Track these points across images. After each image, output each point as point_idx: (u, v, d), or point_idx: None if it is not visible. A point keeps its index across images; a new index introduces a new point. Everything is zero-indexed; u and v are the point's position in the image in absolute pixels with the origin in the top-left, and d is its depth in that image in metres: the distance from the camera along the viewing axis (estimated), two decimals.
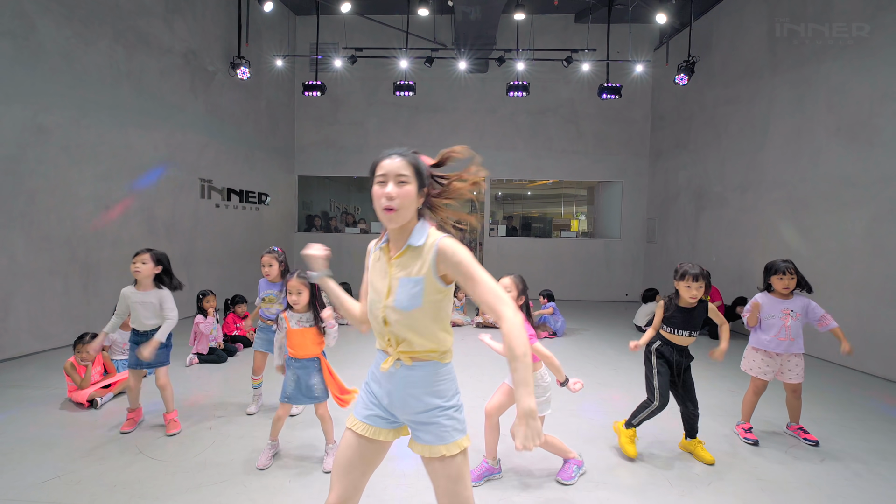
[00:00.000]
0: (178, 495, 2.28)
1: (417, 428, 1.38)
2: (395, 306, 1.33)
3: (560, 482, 2.43)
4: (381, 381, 1.42)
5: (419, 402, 1.35)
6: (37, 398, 3.50)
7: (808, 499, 2.37)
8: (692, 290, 2.60)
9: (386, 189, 1.30)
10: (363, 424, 1.41)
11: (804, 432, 3.02)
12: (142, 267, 2.86)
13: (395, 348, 1.37)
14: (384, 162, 1.33)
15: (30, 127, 4.58)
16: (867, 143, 4.75)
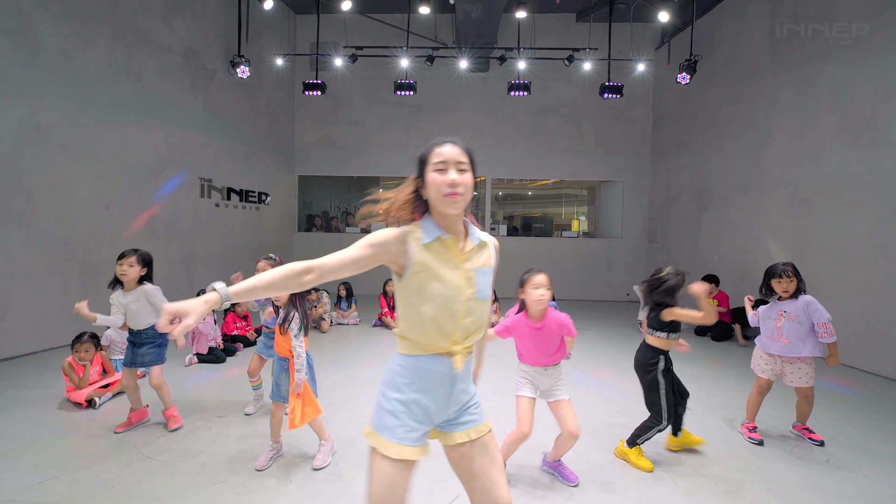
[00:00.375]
0: (177, 496, 2.26)
1: (459, 418, 1.38)
2: (478, 297, 1.33)
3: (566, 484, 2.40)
4: (435, 391, 1.32)
5: (465, 394, 1.39)
6: (35, 398, 3.47)
7: (813, 499, 2.35)
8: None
9: (449, 176, 1.27)
10: (414, 449, 1.28)
11: (809, 432, 3.00)
12: (128, 270, 2.83)
13: (462, 344, 1.32)
14: (441, 149, 1.30)
15: (28, 125, 4.55)
16: (870, 142, 4.72)
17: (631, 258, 9.53)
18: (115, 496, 2.24)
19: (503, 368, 4.17)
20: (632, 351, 2.89)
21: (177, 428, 2.97)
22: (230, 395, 3.66)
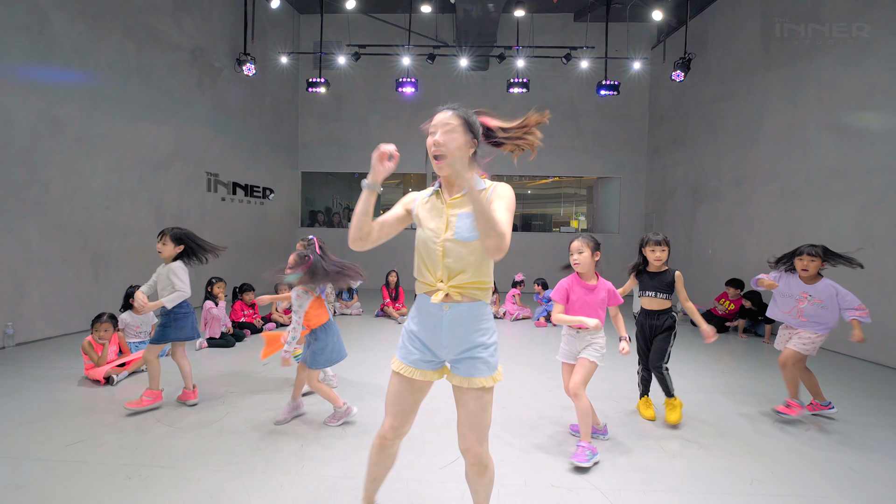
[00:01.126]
0: (197, 456, 2.42)
1: (460, 363, 1.53)
2: (455, 238, 1.47)
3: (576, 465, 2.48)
4: (426, 325, 1.53)
5: (465, 339, 1.51)
6: (55, 377, 3.64)
7: (790, 462, 2.52)
8: (656, 253, 2.92)
9: (435, 136, 1.46)
10: (408, 368, 1.56)
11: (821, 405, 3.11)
12: (162, 248, 3.02)
13: (447, 282, 1.49)
14: (435, 117, 1.51)
15: (44, 118, 4.72)
16: (856, 135, 4.90)
17: (628, 253, 9.67)
18: (139, 456, 2.41)
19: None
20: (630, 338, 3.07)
21: (186, 402, 3.12)
22: (241, 375, 3.83)
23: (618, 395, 3.53)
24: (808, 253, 2.94)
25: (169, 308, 2.98)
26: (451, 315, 1.50)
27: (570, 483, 2.26)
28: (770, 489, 2.25)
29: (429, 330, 1.54)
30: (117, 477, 2.21)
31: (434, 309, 1.51)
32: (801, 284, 3.01)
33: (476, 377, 1.50)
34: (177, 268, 3.02)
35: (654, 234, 2.99)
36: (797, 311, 3.00)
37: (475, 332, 1.51)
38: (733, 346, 5.30)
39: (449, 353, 1.54)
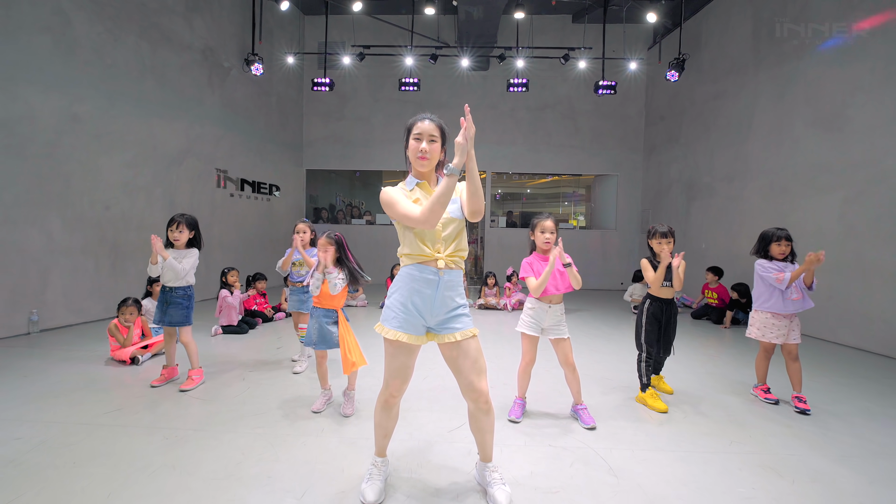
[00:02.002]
0: (225, 422, 2.65)
1: (446, 324, 1.84)
2: (451, 216, 1.82)
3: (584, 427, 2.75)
4: (422, 291, 1.80)
5: (452, 301, 1.85)
6: (83, 358, 3.86)
7: (766, 428, 2.75)
8: (663, 245, 3.00)
9: (421, 145, 1.83)
10: (405, 334, 1.81)
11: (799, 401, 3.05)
12: (179, 236, 3.19)
13: (444, 252, 1.82)
14: (420, 123, 1.84)
15: (66, 116, 4.95)
16: (839, 132, 5.14)
17: (625, 249, 9.94)
18: (173, 422, 2.64)
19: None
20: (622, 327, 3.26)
21: (187, 390, 3.14)
22: (257, 357, 4.06)
23: (609, 374, 3.76)
24: (787, 238, 3.14)
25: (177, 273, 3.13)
26: (445, 280, 1.82)
27: (565, 443, 2.49)
28: (747, 448, 2.49)
29: (425, 296, 1.81)
30: (155, 437, 2.44)
31: (433, 276, 1.81)
32: (782, 265, 3.15)
33: (466, 329, 1.84)
34: (195, 254, 3.24)
35: (660, 226, 3.06)
36: (795, 290, 3.08)
37: (457, 296, 1.87)
38: (721, 334, 5.53)
39: (434, 318, 1.83)
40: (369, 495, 1.88)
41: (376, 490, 1.91)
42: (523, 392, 2.88)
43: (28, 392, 3.04)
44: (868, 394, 3.46)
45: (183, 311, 3.21)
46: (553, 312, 2.76)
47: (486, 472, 1.97)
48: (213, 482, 2.02)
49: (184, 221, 3.21)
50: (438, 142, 1.85)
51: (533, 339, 2.79)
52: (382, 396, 1.91)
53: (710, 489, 2.07)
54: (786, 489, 2.09)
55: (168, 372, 3.31)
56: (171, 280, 3.20)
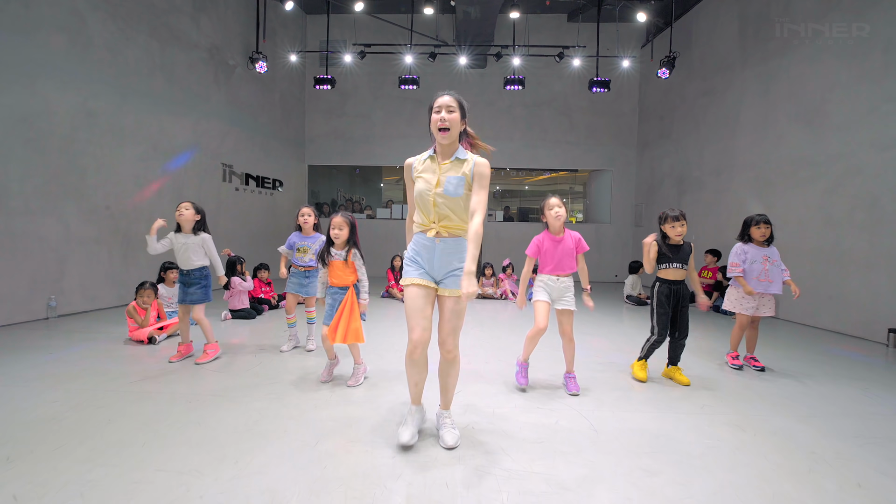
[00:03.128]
0: (241, 389, 2.90)
1: (446, 280, 2.15)
2: (443, 193, 2.07)
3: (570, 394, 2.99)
4: (423, 254, 2.14)
5: (450, 264, 2.14)
6: (102, 339, 4.10)
7: (736, 393, 3.01)
8: (676, 228, 3.16)
9: (441, 114, 2.05)
10: (418, 279, 2.13)
11: (755, 361, 3.62)
12: (185, 212, 3.42)
13: (437, 223, 2.10)
14: (440, 98, 2.10)
15: (81, 111, 5.18)
16: (819, 126, 5.39)
17: (619, 242, 10.19)
18: (192, 389, 2.88)
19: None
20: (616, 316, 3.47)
21: (202, 363, 3.42)
22: (266, 340, 4.30)
23: (599, 356, 4.02)
24: (766, 221, 3.52)
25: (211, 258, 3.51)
26: (441, 246, 2.12)
27: (553, 406, 2.74)
28: (718, 410, 2.74)
29: (425, 257, 2.15)
30: (178, 402, 2.68)
31: (429, 242, 2.12)
32: (760, 250, 3.53)
33: (456, 289, 2.12)
34: (209, 239, 3.51)
35: (671, 211, 3.20)
36: (764, 273, 3.48)
37: (456, 260, 2.13)
38: (697, 314, 5.78)
39: (438, 274, 2.15)
40: (403, 437, 2.17)
41: (409, 433, 2.19)
42: (527, 356, 3.06)
43: (55, 367, 3.28)
44: (838, 367, 3.72)
45: (202, 290, 3.46)
46: (560, 284, 2.96)
47: (440, 418, 2.31)
48: (234, 435, 2.27)
49: (190, 202, 3.48)
50: (457, 112, 2.07)
51: (545, 306, 2.93)
52: (408, 349, 2.14)
53: (680, 440, 2.32)
54: (747, 440, 2.34)
55: (185, 348, 3.56)
56: (188, 262, 3.44)
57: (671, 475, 1.98)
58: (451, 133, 2.06)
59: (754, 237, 3.55)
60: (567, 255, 2.96)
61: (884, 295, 4.64)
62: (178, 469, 1.92)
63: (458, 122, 2.08)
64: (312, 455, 2.07)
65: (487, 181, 2.08)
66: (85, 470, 1.90)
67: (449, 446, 2.17)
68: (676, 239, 3.20)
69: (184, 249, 3.41)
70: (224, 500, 1.71)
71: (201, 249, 3.48)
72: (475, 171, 2.08)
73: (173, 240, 3.45)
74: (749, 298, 3.55)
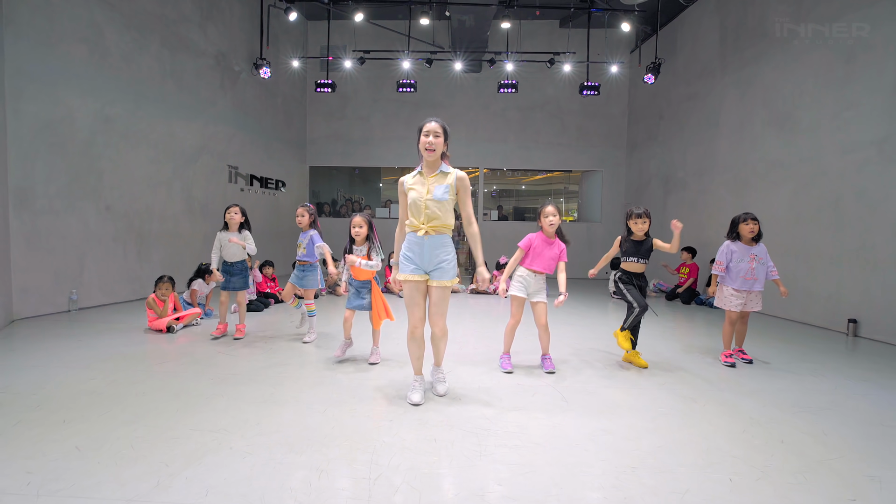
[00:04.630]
0: (257, 370, 3.26)
1: (435, 271, 2.66)
2: (433, 198, 2.58)
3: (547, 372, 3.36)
4: (414, 249, 2.63)
5: (437, 256, 2.64)
6: (124, 329, 4.46)
7: (719, 385, 3.38)
8: (639, 224, 3.47)
9: (428, 139, 2.57)
10: (412, 275, 2.63)
11: (743, 353, 3.77)
12: (234, 216, 4.07)
13: (427, 224, 2.59)
14: (428, 124, 2.61)
15: (99, 117, 5.53)
16: (790, 130, 5.77)
17: (609, 240, 10.52)
18: (213, 370, 3.25)
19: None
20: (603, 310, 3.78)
21: (240, 338, 4.10)
22: (275, 331, 4.67)
23: (579, 341, 4.39)
24: (753, 218, 3.63)
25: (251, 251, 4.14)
26: (429, 242, 2.62)
27: (530, 382, 3.11)
28: (675, 387, 3.11)
29: (416, 252, 2.64)
30: (202, 379, 3.05)
31: (419, 239, 2.62)
32: (747, 248, 3.60)
33: (443, 279, 2.64)
34: (250, 235, 4.16)
35: (636, 208, 3.48)
36: (750, 271, 3.56)
37: (443, 252, 2.63)
38: (689, 311, 6.16)
39: (428, 265, 2.64)
40: (415, 397, 2.66)
41: (419, 395, 2.69)
42: (508, 348, 3.47)
43: (86, 352, 3.63)
44: (796, 354, 4.09)
45: (243, 279, 4.17)
46: (538, 280, 3.37)
47: (435, 373, 2.88)
48: (253, 403, 2.63)
49: (238, 206, 4.12)
50: (441, 136, 2.59)
51: (520, 301, 3.36)
52: (409, 329, 2.70)
53: (637, 408, 2.69)
54: (696, 409, 2.71)
55: (223, 327, 4.19)
56: (233, 256, 4.11)
57: (624, 433, 2.35)
58: (435, 153, 2.58)
59: (743, 234, 3.60)
60: (552, 258, 3.36)
61: (847, 288, 5.02)
62: (210, 428, 2.29)
63: (442, 144, 2.61)
64: (322, 419, 2.44)
65: (468, 191, 2.67)
66: (130, 430, 2.26)
67: (440, 394, 2.80)
68: (639, 235, 3.52)
69: (230, 246, 4.06)
70: (250, 451, 2.07)
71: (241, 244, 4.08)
72: (458, 184, 2.63)
73: (221, 237, 4.08)
74: (736, 295, 3.61)
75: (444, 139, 2.61)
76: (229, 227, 4.09)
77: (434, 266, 2.62)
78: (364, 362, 3.53)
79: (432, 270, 2.62)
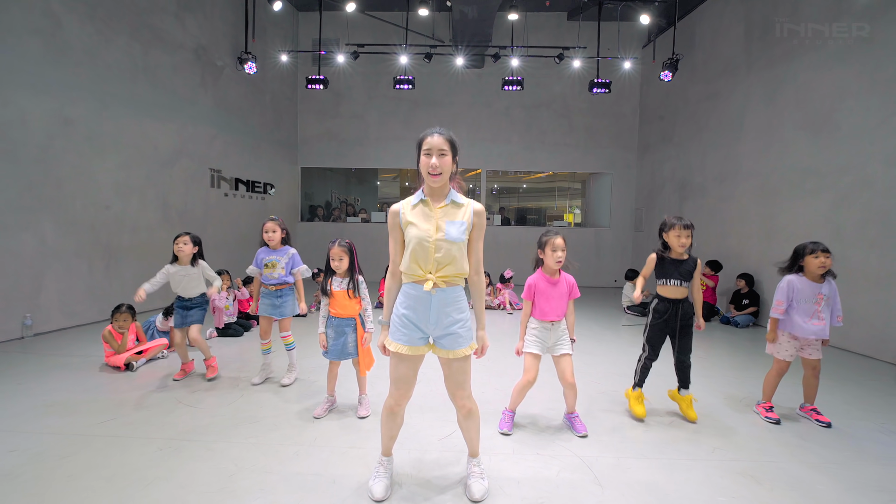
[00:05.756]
0: (219, 431, 2.70)
1: (443, 338, 1.94)
2: (446, 238, 1.87)
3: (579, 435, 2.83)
4: (417, 308, 1.92)
5: (449, 317, 1.92)
6: (76, 364, 3.89)
7: (749, 434, 2.83)
8: (682, 238, 2.78)
9: (431, 160, 1.86)
10: (405, 346, 1.93)
11: (817, 413, 2.99)
12: (184, 247, 3.40)
13: (435, 273, 1.88)
14: (429, 139, 1.89)
15: (57, 119, 4.92)
16: (828, 136, 5.20)
17: (619, 247, 10.01)
18: (166, 431, 2.68)
19: None
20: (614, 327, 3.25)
21: (214, 377, 3.55)
22: (250, 363, 4.10)
23: (598, 377, 3.84)
24: (825, 250, 2.81)
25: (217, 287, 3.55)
26: (437, 298, 1.91)
27: (553, 452, 2.56)
28: (729, 455, 2.56)
29: (419, 312, 1.93)
30: (149, 448, 2.48)
31: (424, 295, 1.90)
32: (814, 286, 2.85)
33: (458, 349, 1.94)
34: (207, 265, 3.54)
35: (678, 218, 2.79)
36: (816, 314, 2.83)
37: (455, 311, 1.93)
38: (708, 335, 5.62)
39: (435, 330, 1.94)
40: (377, 492, 2.02)
41: (383, 486, 2.05)
42: (515, 406, 2.86)
43: (23, 401, 3.06)
44: (848, 396, 3.55)
45: (202, 312, 3.54)
46: (556, 330, 2.75)
47: (469, 465, 2.16)
48: (206, 495, 2.07)
49: (188, 236, 3.44)
50: (449, 155, 1.89)
51: (536, 357, 2.74)
52: (388, 404, 2.05)
53: (692, 498, 2.14)
54: (765, 497, 2.16)
55: (187, 367, 3.61)
56: (190, 291, 3.49)
57: None
58: (442, 177, 1.89)
59: (810, 269, 2.83)
60: (561, 298, 2.72)
61: (894, 313, 4.47)
62: None
63: (450, 164, 1.91)
64: None
65: (483, 230, 1.97)
66: None
67: (475, 500, 2.03)
68: (679, 251, 2.82)
69: (186, 281, 3.46)
70: None
71: (201, 278, 3.53)
72: (476, 221, 1.95)
73: (170, 272, 3.44)
74: (794, 343, 2.94)
75: (453, 157, 1.91)
76: (180, 259, 3.42)
77: (444, 331, 1.92)
78: (352, 414, 2.97)
79: (441, 337, 1.93)
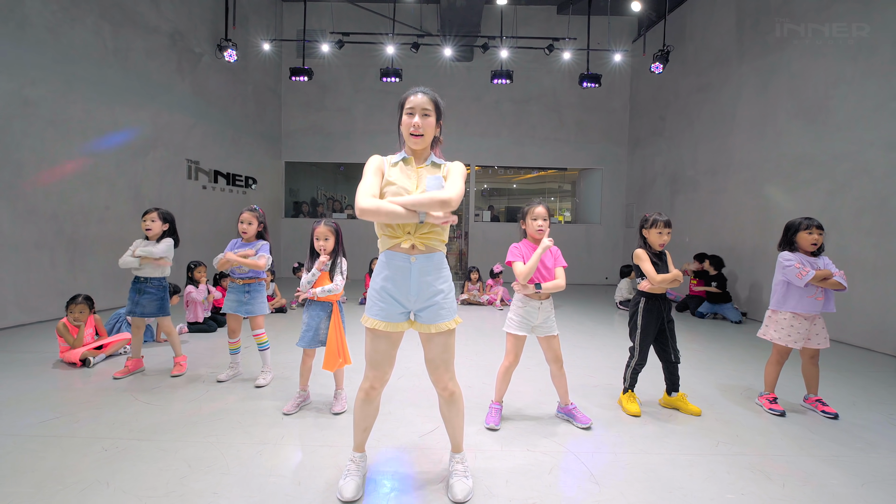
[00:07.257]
0: (175, 429, 2.43)
1: (424, 311, 1.75)
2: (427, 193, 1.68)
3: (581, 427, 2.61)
4: (396, 278, 1.72)
5: (431, 287, 1.73)
6: (29, 360, 3.57)
7: (754, 428, 2.64)
8: (663, 235, 2.73)
9: (414, 119, 1.72)
10: (383, 322, 1.73)
11: (822, 404, 2.85)
12: (152, 225, 3.14)
13: (413, 234, 1.69)
14: (413, 97, 1.74)
15: (16, 99, 4.60)
16: (822, 124, 5.09)
17: (609, 243, 9.88)
18: (116, 430, 2.40)
19: None
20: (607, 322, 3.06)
21: (179, 375, 3.27)
22: (219, 359, 3.81)
23: (591, 372, 3.63)
24: (818, 226, 2.77)
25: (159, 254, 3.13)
26: (417, 265, 1.72)
27: (545, 448, 2.33)
28: (734, 449, 2.36)
29: (398, 283, 1.73)
30: (93, 449, 2.20)
31: (402, 262, 1.71)
32: (810, 260, 2.77)
33: (440, 322, 1.75)
34: (170, 241, 3.21)
35: (659, 215, 2.75)
36: (817, 290, 2.73)
37: (438, 280, 1.75)
38: (706, 326, 5.46)
39: (416, 303, 1.74)
40: (347, 492, 1.79)
41: (354, 486, 1.82)
42: (501, 396, 2.65)
43: None
44: (852, 388, 3.39)
45: (157, 302, 3.17)
46: (543, 309, 2.55)
47: (452, 462, 1.94)
48: (149, 500, 1.80)
49: (157, 212, 3.16)
50: (433, 116, 1.75)
51: (520, 339, 2.55)
52: (363, 387, 1.83)
53: (697, 495, 1.93)
54: (776, 493, 1.96)
55: (133, 364, 3.26)
56: (146, 270, 3.15)
57: None
58: (424, 139, 1.75)
59: (802, 246, 2.77)
60: (545, 267, 2.54)
61: (892, 304, 4.35)
62: None
63: (434, 126, 1.77)
64: None
65: (461, 170, 1.77)
66: None
67: (458, 500, 1.80)
68: (659, 249, 2.76)
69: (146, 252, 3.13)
70: None
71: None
72: (450, 170, 1.79)
73: (136, 245, 3.15)
74: (798, 327, 2.77)
75: (437, 118, 1.77)
76: (149, 238, 3.15)
77: (425, 303, 1.73)
78: (326, 411, 2.71)
79: (422, 310, 1.74)
